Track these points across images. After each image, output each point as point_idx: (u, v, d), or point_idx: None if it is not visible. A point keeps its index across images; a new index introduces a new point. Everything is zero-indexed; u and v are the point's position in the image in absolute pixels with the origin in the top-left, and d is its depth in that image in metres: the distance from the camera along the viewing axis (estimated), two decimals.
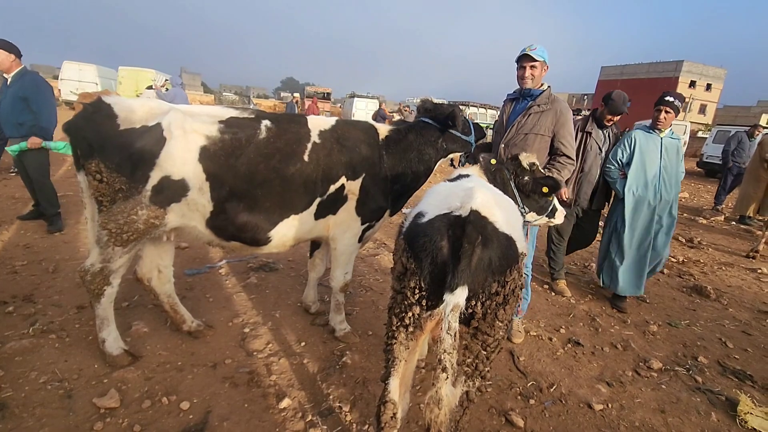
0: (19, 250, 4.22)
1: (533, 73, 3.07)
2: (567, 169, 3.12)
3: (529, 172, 2.53)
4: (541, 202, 2.62)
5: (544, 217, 2.68)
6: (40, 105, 4.57)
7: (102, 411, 2.24)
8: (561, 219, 2.76)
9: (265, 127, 2.52)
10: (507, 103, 3.37)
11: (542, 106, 3.07)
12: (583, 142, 4.11)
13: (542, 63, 3.06)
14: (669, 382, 3.01)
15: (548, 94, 3.12)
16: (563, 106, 3.11)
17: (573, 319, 3.90)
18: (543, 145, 3.11)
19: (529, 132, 3.09)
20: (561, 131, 3.09)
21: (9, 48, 4.50)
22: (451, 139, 3.08)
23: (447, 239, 1.62)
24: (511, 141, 3.15)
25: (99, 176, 2.26)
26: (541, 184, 2.52)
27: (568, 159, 3.13)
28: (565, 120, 3.08)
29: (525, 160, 2.53)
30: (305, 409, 2.42)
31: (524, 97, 3.19)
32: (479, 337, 1.71)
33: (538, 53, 3.01)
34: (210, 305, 3.53)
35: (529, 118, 3.09)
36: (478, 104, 23.80)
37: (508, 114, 3.30)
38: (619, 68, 51.60)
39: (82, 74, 22.00)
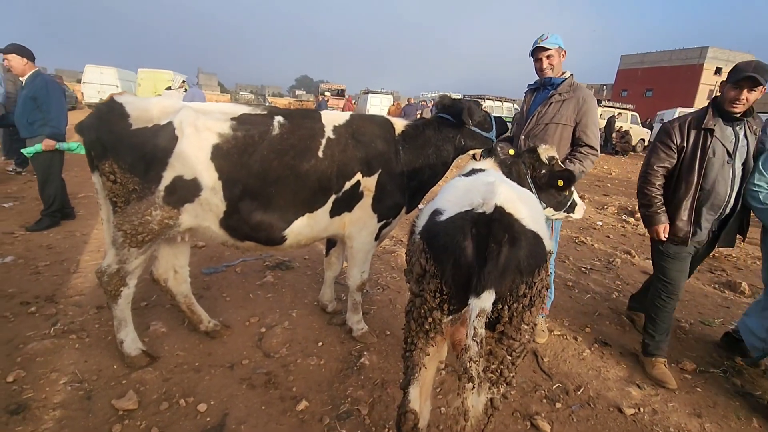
0: (42, 251, 4.29)
1: (551, 62, 2.97)
2: (589, 160, 2.98)
3: (546, 165, 2.40)
4: (559, 197, 2.48)
5: (562, 212, 2.54)
6: (49, 105, 4.66)
7: (120, 413, 2.23)
8: (580, 214, 2.62)
9: (278, 123, 2.46)
10: (528, 93, 3.26)
11: (564, 94, 2.94)
12: (701, 146, 2.73)
13: (558, 50, 2.95)
14: (704, 384, 2.85)
15: (570, 81, 2.98)
16: (586, 93, 2.97)
17: (599, 317, 3.75)
18: (565, 135, 2.98)
19: (549, 122, 2.96)
20: (583, 120, 2.94)
21: (22, 52, 4.61)
22: (470, 135, 2.97)
23: (471, 239, 1.52)
24: (532, 132, 3.04)
25: (113, 177, 2.24)
26: (557, 177, 2.38)
27: (591, 149, 2.98)
28: (588, 108, 2.93)
29: (544, 153, 2.40)
30: (323, 412, 2.36)
31: (545, 86, 3.07)
32: (504, 341, 1.61)
33: (551, 42, 2.90)
34: (227, 304, 3.51)
35: (550, 108, 2.97)
36: (494, 97, 23.41)
37: (528, 104, 3.18)
38: (640, 56, 49.97)
39: (103, 77, 22.54)
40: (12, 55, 4.56)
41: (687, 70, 43.89)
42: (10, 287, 3.47)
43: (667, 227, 2.84)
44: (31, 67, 4.70)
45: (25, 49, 4.64)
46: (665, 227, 2.84)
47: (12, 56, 4.56)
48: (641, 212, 3.00)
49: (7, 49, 4.58)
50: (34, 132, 4.72)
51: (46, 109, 4.66)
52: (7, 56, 4.58)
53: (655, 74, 46.79)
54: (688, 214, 2.79)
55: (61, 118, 4.80)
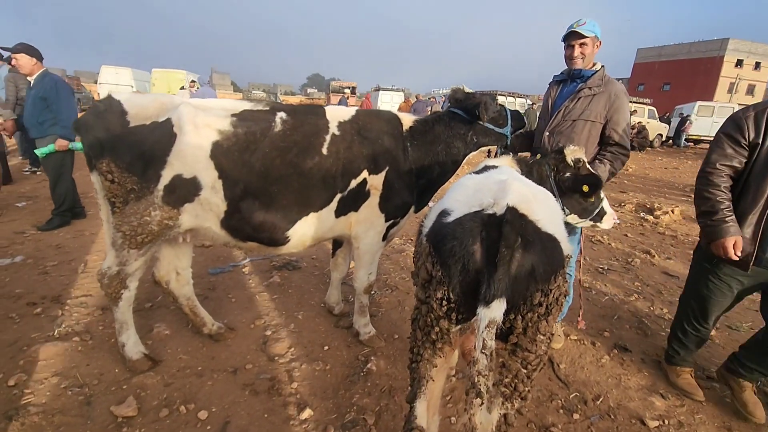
0: (52, 251, 4.29)
1: (583, 52, 2.72)
2: (620, 160, 2.77)
3: (571, 167, 2.22)
4: (585, 203, 2.30)
5: (587, 220, 2.36)
6: (59, 105, 4.65)
7: (119, 420, 2.17)
8: (609, 224, 2.41)
9: (281, 119, 2.36)
10: (553, 85, 3.01)
11: (594, 88, 2.72)
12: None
13: (593, 39, 2.71)
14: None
15: (602, 74, 2.76)
16: (618, 88, 2.74)
17: (618, 320, 3.58)
18: (593, 132, 2.76)
19: (577, 118, 2.74)
20: (615, 117, 2.72)
21: (31, 52, 4.61)
22: (483, 132, 2.80)
23: (480, 242, 1.39)
24: (557, 128, 2.83)
25: (110, 176, 2.17)
26: (582, 182, 2.20)
27: (622, 149, 2.77)
28: (620, 104, 2.71)
29: (570, 154, 2.22)
30: (328, 420, 2.27)
31: (573, 78, 2.85)
32: (519, 354, 1.48)
33: (588, 28, 2.66)
34: (232, 306, 3.44)
35: (578, 103, 2.75)
36: (506, 93, 23.04)
37: (554, 98, 2.95)
38: (657, 50, 48.73)
39: (119, 77, 22.86)
40: (21, 55, 4.57)
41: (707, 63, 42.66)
42: (18, 288, 3.46)
43: (739, 241, 2.24)
44: (40, 67, 4.71)
45: (34, 49, 4.65)
46: (737, 241, 2.24)
47: (21, 56, 4.57)
48: (701, 222, 2.43)
49: (16, 48, 4.59)
50: (44, 132, 4.73)
51: (56, 109, 4.66)
52: (16, 56, 4.59)
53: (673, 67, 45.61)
54: (753, 230, 2.26)
55: (71, 117, 4.77)
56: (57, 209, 4.97)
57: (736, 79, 41.35)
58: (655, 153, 19.55)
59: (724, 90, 41.57)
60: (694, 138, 22.39)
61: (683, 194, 9.57)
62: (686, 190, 10.11)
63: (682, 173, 13.20)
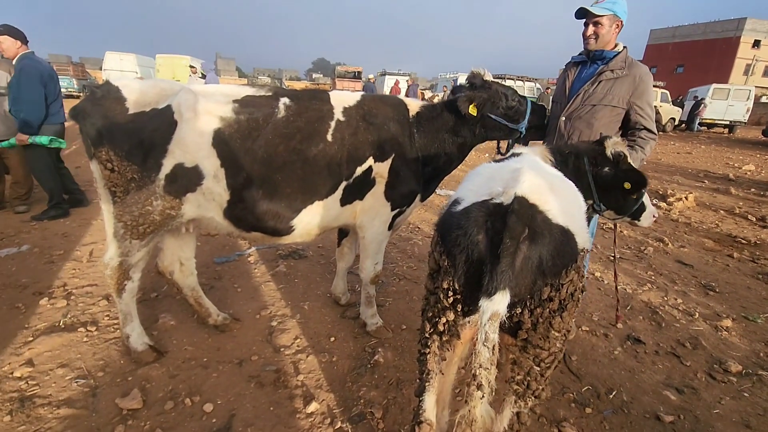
0: (58, 239, 4.28)
1: (597, 31, 2.56)
2: (650, 145, 2.63)
3: (611, 162, 2.07)
4: (624, 200, 2.17)
5: (625, 217, 2.24)
6: (18, 93, 4.34)
7: (125, 412, 2.15)
8: (649, 222, 2.28)
9: (284, 105, 2.27)
10: (570, 67, 2.83)
11: (616, 71, 2.56)
12: None
13: (612, 17, 2.53)
14: (752, 388, 2.59)
15: (624, 56, 2.59)
16: (643, 71, 2.58)
17: (631, 311, 3.49)
18: (614, 118, 2.63)
19: (597, 103, 2.59)
20: (639, 102, 2.58)
21: (15, 34, 4.40)
22: (491, 125, 2.64)
23: (484, 233, 1.32)
24: (575, 113, 2.68)
25: (110, 165, 2.10)
26: (622, 179, 2.06)
27: (650, 133, 2.62)
28: (645, 88, 2.57)
29: (611, 147, 2.06)
30: (334, 414, 2.23)
31: (593, 60, 2.68)
32: (530, 350, 1.42)
33: (606, 6, 2.48)
34: (238, 296, 3.41)
35: (599, 86, 2.59)
36: (515, 77, 22.60)
37: (572, 80, 2.78)
38: (671, 30, 47.32)
39: (123, 64, 22.71)
40: (4, 37, 4.37)
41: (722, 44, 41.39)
42: (24, 277, 3.45)
43: None
44: (24, 49, 4.49)
45: (17, 31, 4.43)
46: None
47: (4, 38, 4.37)
48: None
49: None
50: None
51: (15, 98, 4.34)
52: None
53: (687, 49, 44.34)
54: None
55: (33, 108, 4.40)
56: (50, 202, 4.87)
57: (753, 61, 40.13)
58: (667, 137, 19.12)
59: (739, 72, 40.39)
60: (708, 122, 21.84)
61: (697, 180, 9.34)
62: (700, 175, 9.88)
63: (695, 158, 12.89)
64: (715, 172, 10.52)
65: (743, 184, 9.04)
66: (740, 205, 7.15)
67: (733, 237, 5.48)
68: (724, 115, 21.44)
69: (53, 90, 4.66)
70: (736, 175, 10.04)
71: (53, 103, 4.68)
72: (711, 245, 5.18)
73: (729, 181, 9.37)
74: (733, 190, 8.12)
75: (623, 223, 2.35)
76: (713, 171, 10.63)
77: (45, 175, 4.81)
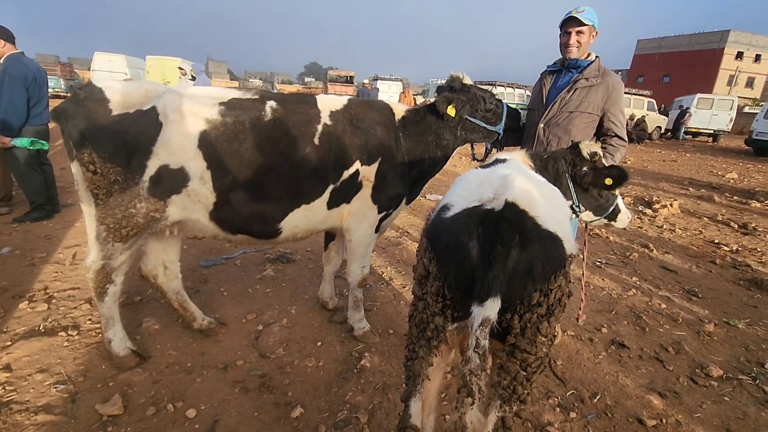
0: (40, 242, 4.20)
1: (580, 40, 2.65)
2: (620, 152, 2.73)
3: (589, 162, 2.14)
4: (601, 200, 2.24)
5: (602, 218, 2.31)
6: (1, 96, 4.26)
7: (105, 418, 2.10)
8: (624, 223, 2.37)
9: (271, 108, 2.27)
10: (546, 75, 2.94)
11: (591, 80, 2.66)
12: None
13: (591, 28, 2.64)
14: (732, 393, 2.64)
15: (597, 65, 2.70)
16: (615, 79, 2.69)
17: (615, 316, 3.53)
18: (590, 125, 2.73)
19: (574, 110, 2.69)
20: (612, 109, 2.69)
21: (1, 33, 4.34)
22: (471, 128, 2.72)
23: (476, 239, 1.33)
24: (553, 120, 2.76)
25: (92, 167, 2.07)
26: (604, 175, 2.12)
27: (621, 140, 2.73)
28: (617, 96, 2.68)
29: (586, 148, 2.14)
30: (319, 419, 2.21)
31: (568, 69, 2.78)
32: (517, 355, 1.42)
33: (587, 16, 2.58)
34: (224, 300, 3.37)
35: (575, 94, 2.68)
36: (505, 83, 22.81)
37: (548, 88, 2.87)
38: (657, 41, 48.43)
39: (112, 65, 22.43)
40: None
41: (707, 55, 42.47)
42: (4, 280, 3.37)
43: None
44: (10, 49, 4.42)
45: (3, 30, 4.36)
46: None
47: None
48: None
49: None
50: None
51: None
52: None
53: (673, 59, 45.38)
54: None
55: (12, 112, 4.33)
56: (32, 203, 4.77)
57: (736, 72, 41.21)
58: (653, 145, 19.49)
59: (723, 82, 41.45)
60: (693, 131, 22.32)
61: (681, 187, 9.52)
62: (684, 183, 10.06)
63: (680, 166, 13.15)
64: (699, 179, 10.74)
65: (726, 191, 9.24)
66: (723, 212, 7.30)
67: (716, 243, 5.59)
68: (708, 124, 21.94)
69: (37, 92, 4.56)
70: (720, 183, 10.27)
71: (37, 105, 4.59)
72: (694, 251, 5.28)
73: (712, 188, 9.56)
74: (717, 198, 8.30)
75: (600, 226, 2.40)
76: (697, 179, 10.85)
77: (26, 176, 4.70)
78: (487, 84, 23.18)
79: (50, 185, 4.99)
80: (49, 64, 25.40)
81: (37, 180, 4.78)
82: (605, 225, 2.38)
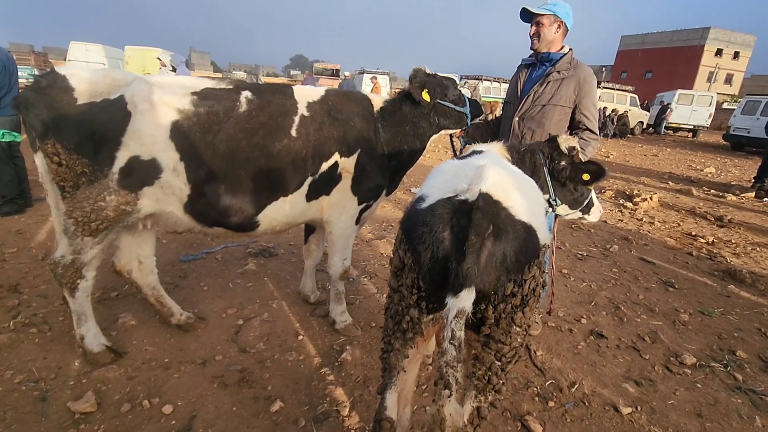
0: (11, 236, 4.06)
1: (539, 30, 2.67)
2: (591, 146, 2.74)
3: (566, 156, 2.16)
4: (576, 194, 2.27)
5: (577, 212, 2.34)
6: None
7: (77, 416, 2.05)
8: (596, 217, 2.42)
9: (246, 99, 2.21)
10: (522, 69, 2.94)
11: (563, 72, 2.67)
12: None
13: (551, 17, 2.64)
14: (705, 380, 2.71)
15: (570, 58, 2.70)
16: (587, 72, 2.70)
17: (595, 307, 3.59)
18: (563, 117, 2.74)
19: (547, 103, 2.70)
20: (584, 101, 2.70)
21: None
22: (443, 112, 2.75)
23: (450, 230, 1.32)
24: (527, 113, 2.77)
25: (57, 158, 1.99)
26: (582, 171, 2.14)
27: (592, 134, 2.75)
28: (589, 88, 2.68)
29: (564, 143, 2.15)
30: (299, 413, 2.19)
31: (542, 62, 2.78)
32: (492, 346, 1.42)
33: (547, 7, 2.60)
34: (204, 294, 3.31)
35: (548, 87, 2.69)
36: (491, 78, 22.88)
37: (523, 82, 2.88)
38: (641, 37, 49.12)
39: (90, 55, 21.70)
40: None
41: (687, 52, 43.24)
42: None
43: None
44: None
45: None
46: None
47: None
48: None
49: None
50: None
51: None
52: None
53: (655, 55, 46.10)
54: None
55: None
56: (3, 197, 4.62)
57: (716, 68, 42.08)
58: (635, 140, 19.83)
59: (703, 79, 42.31)
60: (673, 126, 22.77)
61: (661, 181, 9.72)
62: (664, 177, 10.27)
63: (661, 160, 13.41)
64: (678, 174, 10.98)
65: (704, 185, 9.46)
66: (700, 205, 7.48)
67: (693, 236, 5.73)
68: (688, 119, 22.40)
69: (7, 82, 4.40)
70: (698, 177, 10.51)
71: (7, 95, 4.42)
72: (672, 244, 5.39)
73: (691, 182, 9.79)
74: (695, 192, 8.49)
75: (574, 219, 2.45)
76: (677, 173, 11.09)
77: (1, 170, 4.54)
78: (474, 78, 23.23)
79: (22, 179, 4.81)
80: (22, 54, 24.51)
81: (8, 173, 4.61)
82: (578, 219, 2.42)
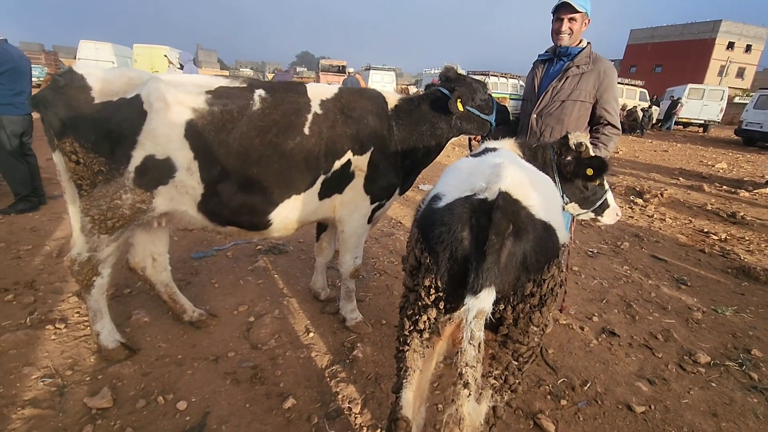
0: (26, 234, 4.12)
1: (572, 27, 2.60)
2: (613, 141, 2.70)
3: (573, 152, 2.09)
4: (587, 192, 2.19)
5: (589, 212, 2.25)
6: None
7: (94, 411, 2.08)
8: (612, 219, 2.31)
9: (259, 97, 2.22)
10: (538, 65, 2.89)
11: (582, 67, 2.62)
12: None
13: (583, 15, 2.59)
14: (719, 379, 2.68)
15: (588, 52, 2.66)
16: (607, 65, 2.65)
17: (606, 305, 3.57)
18: (583, 113, 2.69)
19: (566, 99, 2.65)
20: (605, 96, 2.65)
21: None
22: (467, 117, 2.68)
23: (469, 229, 1.31)
24: (545, 110, 2.73)
25: (74, 157, 2.02)
26: (585, 165, 2.07)
27: (614, 129, 2.70)
28: (609, 82, 2.63)
29: (573, 139, 2.09)
30: (311, 410, 2.21)
31: (560, 57, 2.73)
32: (510, 345, 1.42)
33: (580, 2, 2.53)
34: (215, 291, 3.34)
35: (567, 82, 2.65)
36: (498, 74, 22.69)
37: (540, 78, 2.83)
38: (650, 31, 48.42)
39: (99, 53, 21.88)
40: None
41: (699, 45, 42.57)
42: None
43: None
44: None
45: None
46: None
47: None
48: None
49: None
50: None
51: None
52: None
53: (665, 49, 45.44)
54: None
55: None
56: (17, 195, 4.68)
57: (727, 62, 41.40)
58: (645, 135, 19.60)
59: (714, 73, 41.66)
60: (684, 121, 22.46)
61: (672, 177, 9.60)
62: (675, 173, 10.15)
63: (671, 156, 13.25)
64: (689, 169, 10.84)
65: (716, 181, 9.33)
66: (712, 201, 7.38)
67: (705, 233, 5.65)
68: (699, 114, 22.07)
69: (21, 80, 4.45)
70: (709, 173, 10.37)
71: (20, 94, 4.48)
72: (684, 240, 5.33)
73: (702, 178, 9.66)
74: (706, 188, 8.38)
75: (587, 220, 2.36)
76: (688, 169, 10.95)
77: (9, 167, 4.60)
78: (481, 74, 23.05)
79: (35, 176, 4.88)
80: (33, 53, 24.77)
81: (21, 171, 4.67)
82: (592, 220, 2.33)
